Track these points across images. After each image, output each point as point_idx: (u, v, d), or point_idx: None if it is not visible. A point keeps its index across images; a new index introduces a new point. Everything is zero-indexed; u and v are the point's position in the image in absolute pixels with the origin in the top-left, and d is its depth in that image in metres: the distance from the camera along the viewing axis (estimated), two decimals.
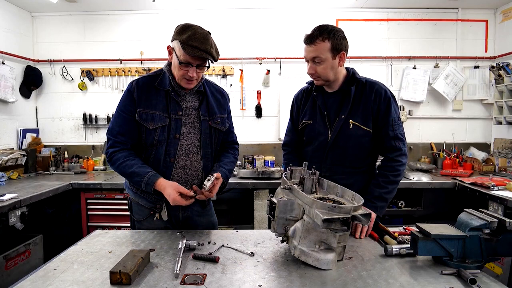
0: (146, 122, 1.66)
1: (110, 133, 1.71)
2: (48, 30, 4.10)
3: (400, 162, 1.76)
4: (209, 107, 1.77)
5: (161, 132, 1.67)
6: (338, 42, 1.67)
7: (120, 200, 3.20)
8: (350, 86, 1.78)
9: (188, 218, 1.82)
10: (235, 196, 3.65)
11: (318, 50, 1.67)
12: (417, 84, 4.00)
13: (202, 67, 1.64)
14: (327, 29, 1.66)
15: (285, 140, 2.07)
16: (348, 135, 1.77)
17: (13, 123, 3.80)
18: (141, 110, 1.66)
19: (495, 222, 1.23)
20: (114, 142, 1.68)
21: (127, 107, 1.68)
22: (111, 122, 1.74)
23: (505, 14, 3.90)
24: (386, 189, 1.73)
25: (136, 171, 1.62)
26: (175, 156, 1.69)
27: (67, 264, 1.34)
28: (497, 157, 3.69)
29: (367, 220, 1.26)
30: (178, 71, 1.62)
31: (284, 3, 3.92)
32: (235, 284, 1.17)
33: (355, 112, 1.77)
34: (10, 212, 2.48)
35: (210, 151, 1.80)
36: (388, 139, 1.76)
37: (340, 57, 1.72)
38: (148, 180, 1.60)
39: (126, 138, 1.68)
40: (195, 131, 1.74)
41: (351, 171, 1.82)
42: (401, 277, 1.21)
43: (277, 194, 1.46)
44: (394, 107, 1.77)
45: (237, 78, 4.05)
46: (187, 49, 1.53)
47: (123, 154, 1.67)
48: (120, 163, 1.65)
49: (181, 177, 1.73)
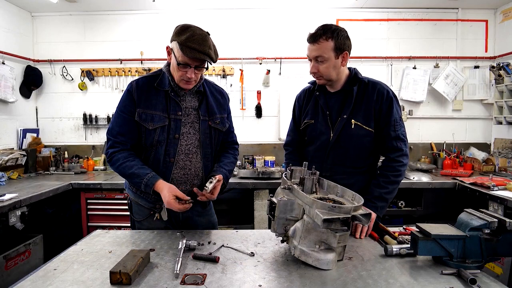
0: (145, 122, 1.66)
1: (110, 133, 1.71)
2: (48, 30, 4.10)
3: (401, 163, 1.75)
4: (209, 107, 1.78)
5: (160, 132, 1.67)
6: (341, 41, 1.68)
7: (120, 200, 3.20)
8: (352, 86, 1.78)
9: (188, 218, 1.82)
10: (235, 196, 3.65)
11: (321, 49, 1.67)
12: (417, 84, 4.00)
13: (201, 68, 1.64)
14: (331, 29, 1.67)
15: (287, 140, 2.07)
16: (349, 135, 1.76)
17: (13, 123, 3.80)
18: (141, 111, 1.66)
19: (495, 222, 1.23)
20: (114, 142, 1.69)
21: (127, 107, 1.68)
22: (111, 122, 1.74)
23: (505, 14, 3.90)
24: (386, 189, 1.73)
25: (136, 172, 1.62)
26: (174, 156, 1.69)
27: (67, 264, 1.34)
28: (497, 157, 3.69)
29: (367, 220, 1.26)
30: (177, 72, 1.63)
31: (284, 3, 3.92)
32: (235, 284, 1.17)
33: (357, 112, 1.76)
34: (10, 212, 2.48)
35: (210, 151, 1.80)
36: (390, 139, 1.76)
37: (343, 57, 1.73)
38: (148, 181, 1.60)
39: (126, 139, 1.69)
40: (195, 131, 1.74)
41: (352, 171, 1.82)
42: (401, 277, 1.21)
43: (277, 194, 1.46)
44: (396, 107, 1.77)
45: (237, 78, 4.05)
46: (185, 50, 1.53)
47: (123, 154, 1.67)
48: (120, 163, 1.65)
49: (181, 177, 1.73)
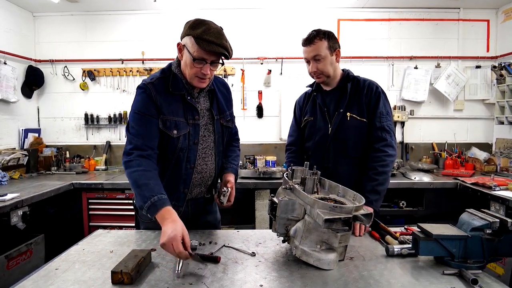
0: (169, 130, 1.55)
1: (134, 133, 1.52)
2: (49, 30, 4.10)
3: (385, 153, 1.81)
4: (219, 105, 1.72)
5: (183, 140, 1.59)
6: (333, 41, 1.87)
7: (122, 200, 3.21)
8: (346, 83, 1.93)
9: (198, 216, 1.80)
10: (236, 196, 3.56)
11: (318, 49, 1.83)
12: (418, 84, 3.99)
13: (216, 64, 1.55)
14: (322, 31, 1.86)
15: (289, 140, 2.15)
16: (346, 127, 1.89)
17: (15, 123, 3.81)
18: (165, 118, 1.54)
19: (497, 222, 1.23)
20: (141, 145, 1.50)
21: (150, 110, 1.52)
22: (131, 125, 1.55)
23: (506, 14, 3.89)
24: (376, 181, 1.77)
25: (151, 186, 1.40)
26: (195, 162, 1.64)
27: (68, 263, 1.35)
28: (499, 157, 3.69)
29: (369, 220, 1.26)
30: (191, 69, 1.52)
31: (285, 3, 3.92)
32: (237, 284, 1.17)
33: (352, 105, 1.91)
34: (12, 212, 2.49)
35: (222, 149, 1.78)
36: (375, 129, 1.86)
37: (336, 54, 1.90)
38: (158, 201, 1.36)
39: (154, 142, 1.53)
40: (209, 133, 1.68)
41: (352, 161, 1.91)
42: (403, 277, 1.21)
43: (278, 194, 1.46)
44: (383, 101, 1.89)
45: (238, 78, 4.05)
46: (202, 44, 1.44)
47: (148, 162, 1.48)
48: (141, 169, 1.44)
49: (197, 180, 1.70)
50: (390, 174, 1.83)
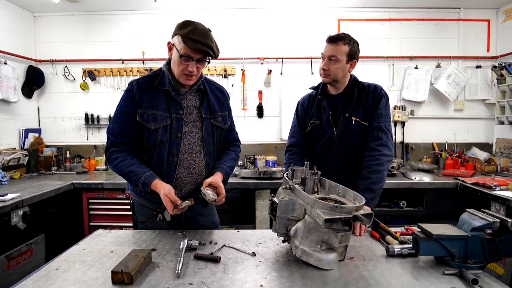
0: (147, 122, 1.66)
1: (110, 132, 1.71)
2: (50, 30, 4.11)
3: (380, 152, 1.81)
4: (210, 105, 1.78)
5: (163, 132, 1.67)
6: (354, 50, 1.89)
7: (122, 200, 3.21)
8: (354, 88, 1.95)
9: (191, 219, 1.82)
10: (237, 196, 3.65)
11: (337, 51, 1.85)
12: (418, 84, 3.99)
13: (202, 62, 1.64)
14: (349, 37, 1.89)
15: (290, 142, 2.13)
16: (351, 131, 1.92)
17: (15, 123, 3.81)
18: (142, 111, 1.66)
19: (497, 222, 1.23)
20: (115, 142, 1.69)
21: (128, 107, 1.67)
22: (111, 121, 1.74)
23: (507, 13, 3.89)
24: (370, 180, 1.76)
25: (134, 170, 1.63)
26: (178, 156, 1.70)
27: (69, 263, 1.35)
28: (499, 157, 3.68)
29: (369, 220, 1.26)
30: (178, 67, 1.62)
31: (286, 3, 3.92)
32: (237, 284, 1.17)
33: (357, 110, 1.93)
34: (12, 211, 2.49)
35: (212, 149, 1.81)
36: (372, 129, 1.88)
37: (351, 64, 1.92)
38: (145, 179, 1.61)
39: (127, 139, 1.69)
40: (197, 130, 1.74)
41: (356, 164, 1.91)
42: (403, 277, 1.21)
43: (278, 194, 1.46)
44: (384, 104, 1.92)
45: (238, 78, 4.05)
46: (188, 42, 1.54)
47: (122, 153, 1.68)
48: (119, 161, 1.66)
49: (185, 176, 1.73)
50: (385, 173, 1.82)
